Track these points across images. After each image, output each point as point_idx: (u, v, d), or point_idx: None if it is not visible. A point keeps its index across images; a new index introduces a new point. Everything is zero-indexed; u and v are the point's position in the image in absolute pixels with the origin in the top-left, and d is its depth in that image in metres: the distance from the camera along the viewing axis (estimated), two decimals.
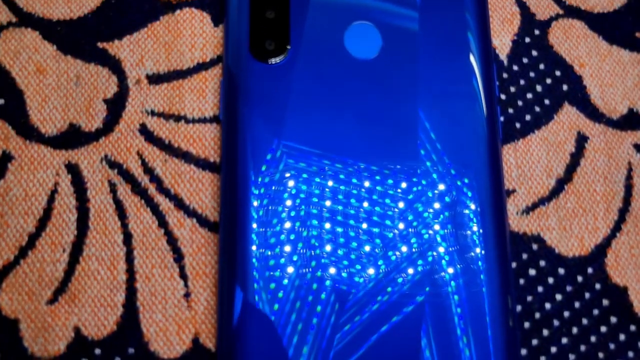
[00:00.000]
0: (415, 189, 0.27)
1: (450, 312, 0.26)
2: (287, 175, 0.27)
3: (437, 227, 0.27)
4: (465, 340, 0.26)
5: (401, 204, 0.27)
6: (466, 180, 0.27)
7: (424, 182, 0.27)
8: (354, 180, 0.27)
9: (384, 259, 0.26)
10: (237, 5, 0.28)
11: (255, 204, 0.26)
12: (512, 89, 0.30)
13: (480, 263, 0.26)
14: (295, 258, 0.26)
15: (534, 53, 0.31)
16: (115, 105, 0.28)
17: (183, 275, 0.27)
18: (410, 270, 0.26)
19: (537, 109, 0.30)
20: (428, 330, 0.26)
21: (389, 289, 0.26)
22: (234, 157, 0.27)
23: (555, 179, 0.29)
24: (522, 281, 0.28)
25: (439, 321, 0.26)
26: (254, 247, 0.26)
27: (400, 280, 0.26)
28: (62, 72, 0.29)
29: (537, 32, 0.31)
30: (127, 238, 0.27)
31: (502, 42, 0.31)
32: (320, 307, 0.26)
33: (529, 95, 0.30)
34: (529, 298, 0.28)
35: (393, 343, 0.26)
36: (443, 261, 0.26)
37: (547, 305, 0.28)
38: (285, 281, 0.26)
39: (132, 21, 0.29)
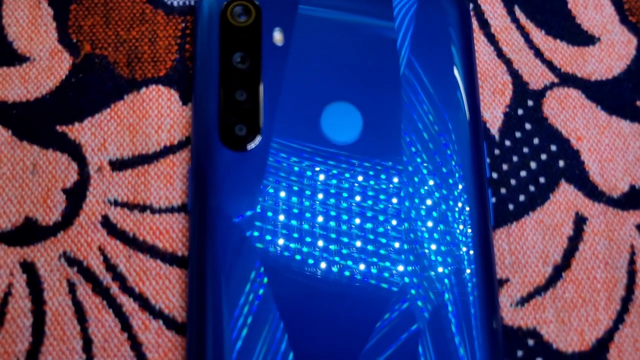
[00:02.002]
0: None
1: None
2: (262, 270, 0.25)
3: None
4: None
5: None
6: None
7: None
8: (331, 268, 0.25)
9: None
10: (204, 87, 0.26)
11: (227, 305, 0.24)
12: (505, 167, 0.28)
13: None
14: None
15: (528, 126, 0.29)
16: (75, 196, 0.26)
17: None
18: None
19: (532, 188, 0.28)
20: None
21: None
22: (203, 252, 0.25)
23: (552, 266, 0.27)
24: None
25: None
26: (224, 353, 0.24)
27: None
28: (17, 160, 0.27)
29: (530, 103, 0.29)
30: (87, 344, 0.25)
31: (493, 114, 0.29)
32: None
33: (523, 174, 0.28)
34: None
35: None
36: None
37: None
38: None
39: (93, 101, 0.27)
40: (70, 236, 0.26)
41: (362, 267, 0.25)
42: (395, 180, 0.26)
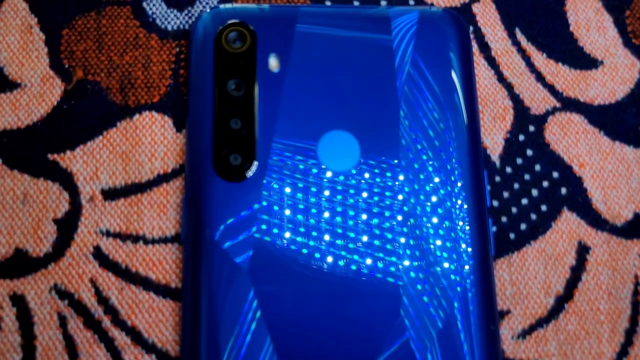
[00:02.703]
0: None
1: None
2: (255, 303, 0.24)
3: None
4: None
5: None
6: (455, 305, 0.25)
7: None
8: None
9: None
10: (198, 115, 0.26)
11: (222, 338, 0.24)
12: (505, 195, 0.28)
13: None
14: None
15: (529, 152, 0.28)
16: (67, 226, 0.26)
17: None
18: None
19: (533, 216, 0.28)
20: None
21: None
22: (197, 284, 0.24)
23: (555, 297, 0.27)
24: None
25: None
26: None
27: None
28: (7, 190, 0.26)
29: (532, 128, 0.29)
30: None
31: (494, 140, 0.28)
32: None
33: (524, 201, 0.28)
34: None
35: None
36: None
37: None
38: None
39: (85, 129, 0.27)
40: (61, 268, 0.26)
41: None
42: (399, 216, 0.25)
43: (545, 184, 0.28)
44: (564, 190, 0.28)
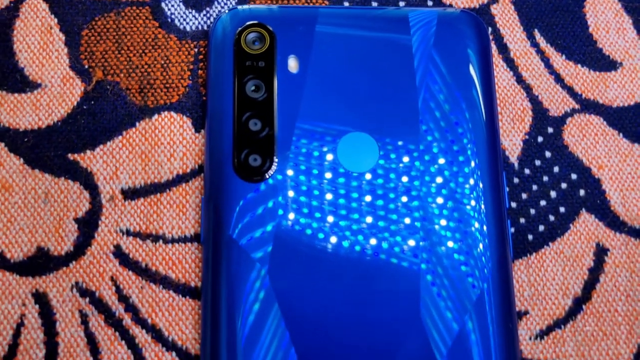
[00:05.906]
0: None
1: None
2: (277, 303, 0.26)
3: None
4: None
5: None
6: (474, 306, 0.26)
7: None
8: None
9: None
10: (218, 116, 0.28)
11: (240, 336, 0.26)
12: (524, 196, 0.30)
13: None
14: None
15: (548, 154, 0.30)
16: (87, 225, 0.28)
17: None
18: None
19: (552, 218, 0.29)
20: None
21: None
22: (217, 284, 0.26)
23: (572, 299, 0.29)
24: None
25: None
26: None
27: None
28: (29, 189, 0.28)
29: (550, 130, 0.30)
30: None
31: (512, 142, 0.30)
32: None
33: (543, 203, 0.30)
34: None
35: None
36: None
37: None
38: None
39: (105, 129, 0.29)
40: (82, 266, 0.28)
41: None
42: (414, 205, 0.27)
43: (563, 185, 0.30)
44: (582, 192, 0.30)
